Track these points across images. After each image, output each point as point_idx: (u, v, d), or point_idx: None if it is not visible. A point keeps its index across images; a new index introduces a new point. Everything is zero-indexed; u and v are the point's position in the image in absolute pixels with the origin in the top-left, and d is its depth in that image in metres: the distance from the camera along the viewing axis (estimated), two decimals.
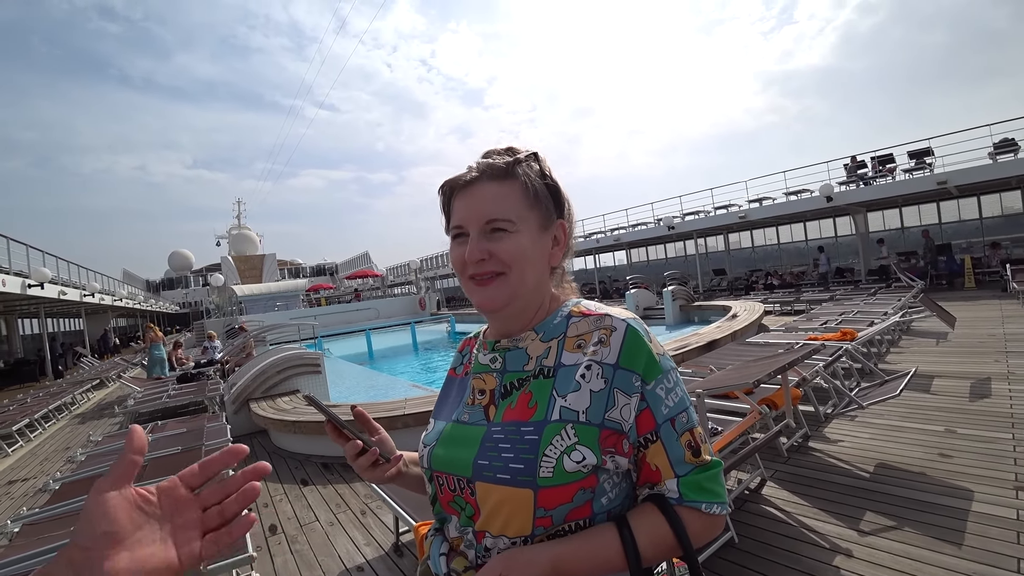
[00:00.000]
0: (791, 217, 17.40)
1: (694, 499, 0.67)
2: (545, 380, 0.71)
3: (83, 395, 10.16)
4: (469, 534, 0.71)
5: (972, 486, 2.76)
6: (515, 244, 0.72)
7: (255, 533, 3.18)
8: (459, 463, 0.72)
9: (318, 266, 51.46)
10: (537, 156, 0.77)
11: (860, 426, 3.80)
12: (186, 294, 44.55)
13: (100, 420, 7.95)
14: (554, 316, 0.77)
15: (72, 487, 3.48)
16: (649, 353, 0.69)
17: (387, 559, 2.73)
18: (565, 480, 0.64)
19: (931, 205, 15.26)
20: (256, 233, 45.17)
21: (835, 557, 2.28)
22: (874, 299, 8.73)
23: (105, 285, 21.17)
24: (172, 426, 4.91)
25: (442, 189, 0.78)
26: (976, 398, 4.14)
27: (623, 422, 0.67)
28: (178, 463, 3.68)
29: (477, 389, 0.79)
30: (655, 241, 22.51)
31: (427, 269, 32.64)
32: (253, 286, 26.52)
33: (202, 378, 8.48)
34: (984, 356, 5.44)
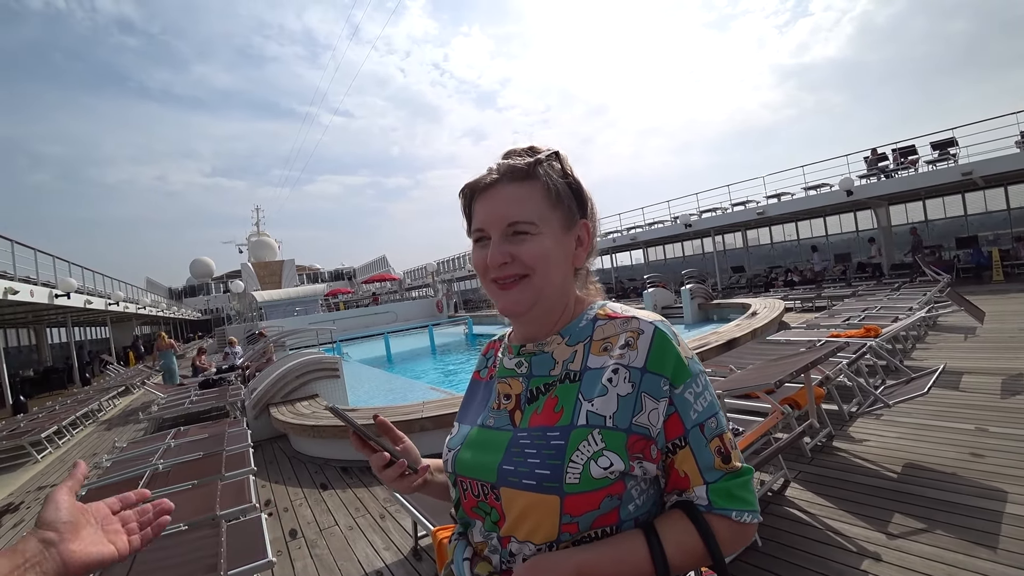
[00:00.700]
0: (810, 212, 17.09)
1: (724, 507, 0.65)
2: (571, 384, 0.70)
3: (109, 402, 10.40)
4: (494, 539, 0.71)
5: (1007, 487, 2.66)
6: (538, 246, 0.71)
7: (276, 538, 3.21)
8: (484, 468, 0.71)
9: (336, 271, 51.99)
10: (558, 155, 0.75)
11: (886, 425, 3.69)
12: (207, 301, 45.39)
13: (125, 426, 8.12)
14: (580, 319, 0.76)
15: (98, 493, 3.55)
16: (677, 356, 0.68)
17: (406, 563, 2.73)
18: (592, 487, 0.63)
19: (956, 197, 14.83)
20: (275, 239, 45.84)
21: (863, 561, 2.21)
22: (898, 294, 8.52)
23: (129, 293, 21.67)
24: (194, 431, 4.99)
25: (463, 192, 0.78)
26: (1009, 395, 4.01)
27: (651, 427, 0.66)
28: (200, 468, 3.73)
29: (503, 394, 0.78)
30: (672, 239, 22.28)
31: (444, 272, 32.77)
32: (273, 292, 26.89)
33: (223, 384, 8.62)
34: (1016, 351, 5.26)
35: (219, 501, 2.97)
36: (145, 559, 2.35)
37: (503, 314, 0.75)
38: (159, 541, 2.53)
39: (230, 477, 3.47)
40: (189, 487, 3.33)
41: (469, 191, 0.76)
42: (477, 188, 0.75)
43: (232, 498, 3.04)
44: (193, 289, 47.32)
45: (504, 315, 0.76)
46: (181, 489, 3.31)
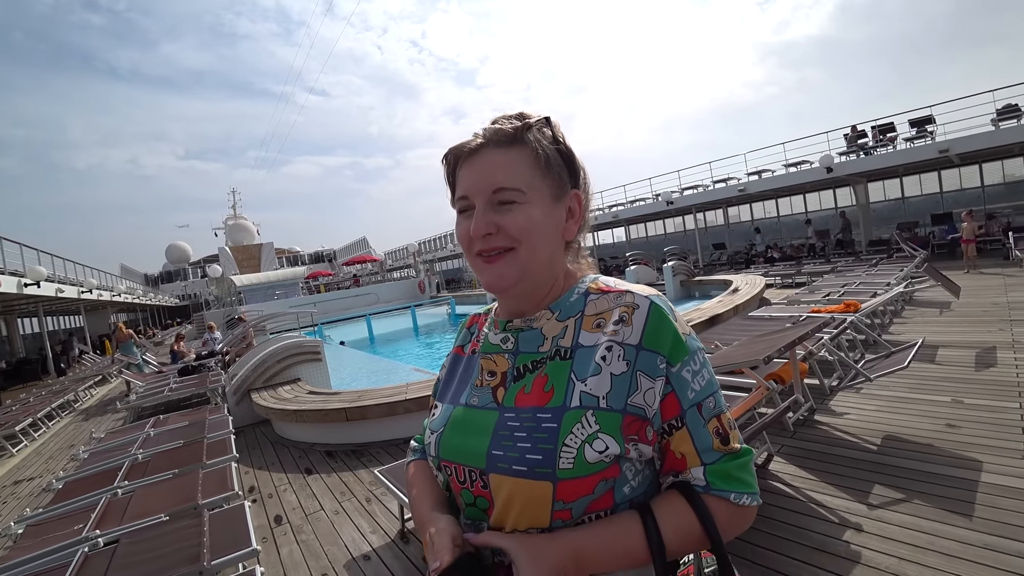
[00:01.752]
0: (791, 189, 17.25)
1: (722, 488, 0.63)
2: (562, 362, 0.66)
3: (86, 392, 10.17)
4: (484, 529, 0.67)
5: (981, 456, 2.73)
6: (525, 216, 0.66)
7: (260, 524, 3.17)
8: (471, 453, 0.67)
9: (316, 253, 51.25)
10: (549, 121, 0.70)
11: (866, 398, 3.77)
12: (185, 286, 44.43)
13: (103, 416, 7.96)
14: (570, 293, 0.72)
15: (76, 485, 3.46)
16: (675, 333, 0.64)
17: (393, 547, 2.72)
18: (586, 471, 0.60)
19: (932, 174, 15.09)
20: (253, 222, 44.92)
21: (845, 531, 2.26)
22: (876, 270, 8.66)
23: (103, 281, 21.08)
24: (174, 420, 4.90)
25: (446, 158, 0.72)
26: (982, 368, 4.11)
27: (647, 407, 0.62)
28: (181, 457, 3.66)
29: (487, 370, 0.73)
30: (654, 217, 22.36)
31: (426, 252, 32.50)
32: (251, 276, 26.42)
33: (203, 370, 8.47)
34: (988, 325, 5.40)
35: (201, 490, 2.91)
36: (125, 552, 2.30)
37: (487, 290, 0.71)
38: (140, 533, 2.48)
39: (212, 465, 3.41)
40: (170, 476, 3.26)
41: (452, 157, 0.71)
42: (461, 153, 0.69)
43: (214, 486, 2.99)
44: (170, 275, 46.22)
45: (488, 291, 0.71)
46: (162, 479, 3.24)
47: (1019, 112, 11.63)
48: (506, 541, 0.61)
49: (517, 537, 0.61)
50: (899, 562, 2.02)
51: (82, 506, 3.03)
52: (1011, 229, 11.24)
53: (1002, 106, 11.86)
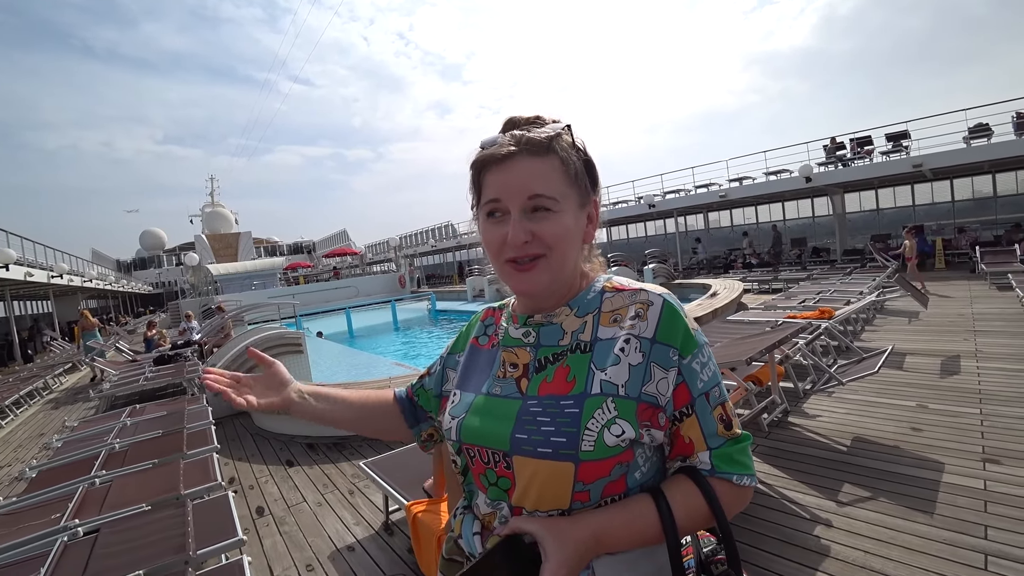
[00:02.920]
0: (770, 197, 17.61)
1: (726, 471, 0.68)
2: (582, 355, 0.71)
3: (55, 379, 9.89)
4: (504, 509, 0.71)
5: (942, 458, 2.88)
6: (560, 225, 0.70)
7: (242, 516, 3.16)
8: (495, 436, 0.71)
9: (295, 244, 50.51)
10: (570, 128, 0.74)
11: (837, 402, 3.92)
12: (159, 274, 43.38)
13: (75, 405, 7.76)
14: (587, 291, 0.77)
15: (50, 474, 3.39)
16: (685, 327, 0.70)
17: (378, 538, 2.75)
18: (605, 454, 0.65)
19: (906, 187, 15.58)
20: (231, 211, 44.05)
21: (815, 527, 2.37)
22: (850, 279, 8.95)
23: (73, 266, 20.48)
24: (152, 409, 4.82)
25: (473, 164, 0.75)
26: (946, 375, 4.30)
27: (659, 396, 0.68)
28: (160, 447, 3.61)
29: (509, 363, 0.78)
30: (636, 219, 22.58)
31: (406, 247, 32.26)
32: (229, 265, 25.92)
33: (180, 359, 8.32)
34: (954, 335, 5.63)
35: (183, 480, 2.89)
36: (108, 542, 2.28)
37: (519, 294, 0.76)
38: (121, 523, 2.46)
39: (192, 455, 3.38)
40: (150, 467, 3.22)
41: (480, 163, 0.73)
42: (492, 159, 0.71)
43: (196, 477, 2.97)
44: (143, 262, 45.05)
45: (520, 295, 0.76)
46: (141, 469, 3.20)
47: (989, 131, 12.09)
48: (532, 525, 0.65)
49: (541, 520, 0.65)
50: (865, 555, 2.13)
51: (59, 495, 2.98)
52: (978, 243, 11.69)
53: (974, 124, 12.31)
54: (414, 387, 0.96)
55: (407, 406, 0.94)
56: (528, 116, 0.75)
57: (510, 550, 0.64)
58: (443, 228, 31.54)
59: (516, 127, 0.73)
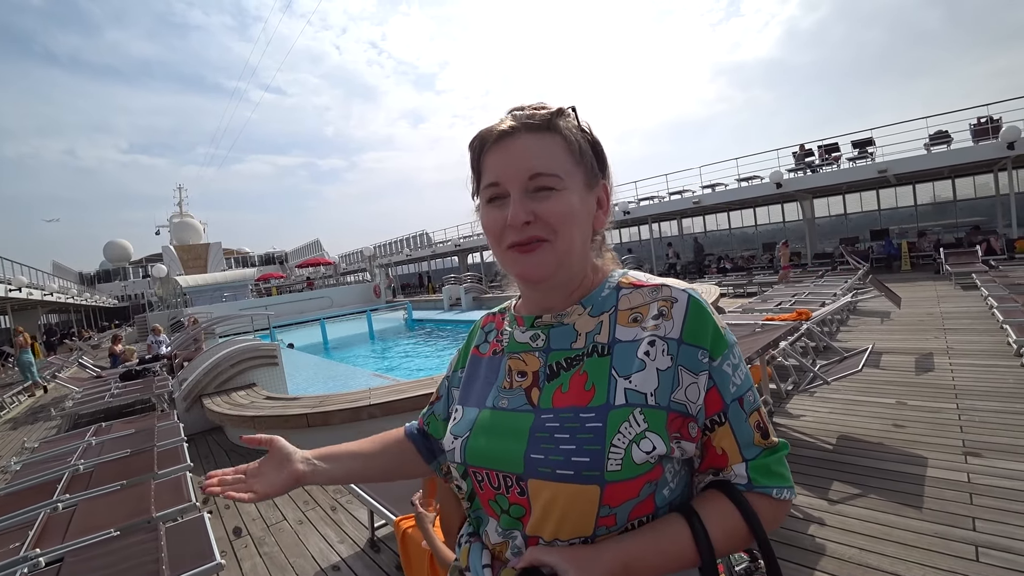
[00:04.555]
0: (742, 203, 18.01)
1: (765, 484, 0.61)
2: (600, 359, 0.63)
3: (13, 398, 9.39)
4: (517, 539, 0.63)
5: (926, 453, 2.93)
6: (564, 204, 0.63)
7: (219, 538, 2.99)
8: (505, 458, 0.63)
9: (267, 255, 49.46)
10: (575, 110, 0.69)
11: (820, 401, 3.96)
12: (124, 286, 41.89)
13: (35, 424, 7.37)
14: (601, 288, 0.69)
15: (7, 500, 3.17)
16: (715, 326, 0.63)
17: (364, 556, 2.64)
18: (634, 473, 0.57)
19: (871, 193, 16.14)
20: (200, 221, 42.95)
21: (809, 526, 2.36)
22: (823, 281, 9.17)
23: (33, 279, 19.62)
24: (119, 427, 4.60)
25: (472, 144, 0.69)
26: (922, 372, 4.41)
27: (690, 404, 0.60)
28: (128, 467, 3.43)
29: (516, 371, 0.70)
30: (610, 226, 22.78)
31: (381, 256, 31.92)
32: (198, 276, 25.24)
33: (148, 375, 8.00)
34: (925, 333, 5.80)
35: (154, 502, 2.74)
36: (72, 572, 2.13)
37: (523, 280, 0.67)
38: (87, 550, 2.30)
39: (164, 475, 3.22)
40: (118, 488, 3.05)
41: (479, 142, 0.67)
42: (490, 137, 0.66)
43: (168, 498, 2.82)
44: (108, 274, 43.47)
45: (524, 281, 0.68)
46: (109, 491, 3.03)
47: (949, 138, 12.62)
48: (552, 556, 0.58)
49: (562, 551, 0.58)
50: (860, 552, 2.13)
51: (17, 523, 2.79)
52: (941, 245, 12.14)
53: (934, 132, 12.84)
54: (424, 416, 0.88)
55: (420, 441, 0.86)
56: (532, 104, 0.69)
57: None
58: (418, 237, 31.35)
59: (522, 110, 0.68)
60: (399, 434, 0.88)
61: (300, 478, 0.76)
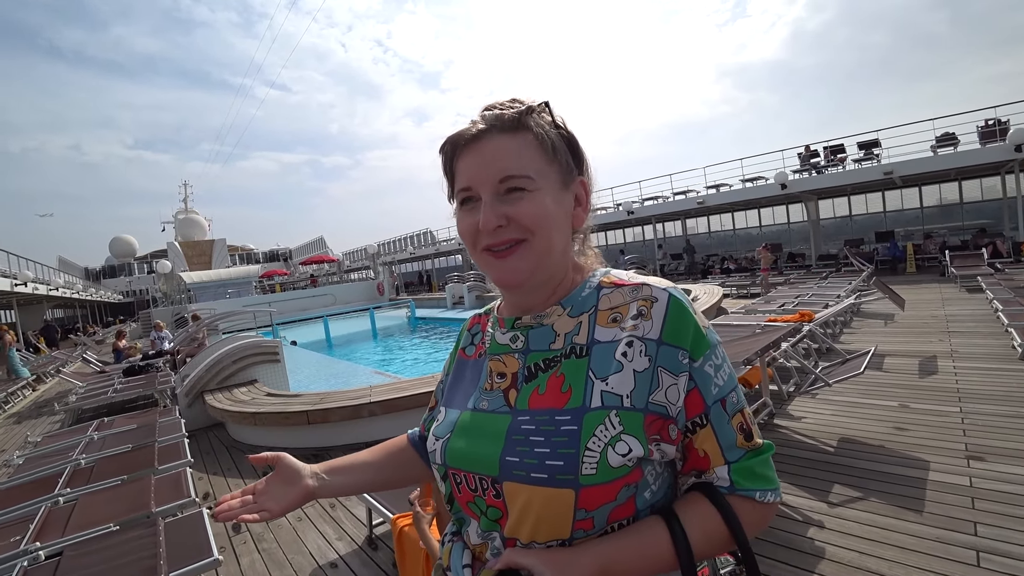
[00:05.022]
0: (747, 203, 17.95)
1: (748, 487, 0.61)
2: (578, 360, 0.62)
3: (17, 393, 9.45)
4: (496, 540, 0.63)
5: (927, 457, 2.90)
6: (537, 204, 0.62)
7: (218, 534, 3.00)
8: (482, 460, 0.63)
9: (271, 251, 49.71)
10: (548, 106, 0.67)
11: (821, 403, 3.94)
12: (129, 282, 42.17)
13: (39, 419, 7.42)
14: (582, 288, 0.68)
15: (9, 493, 3.20)
16: (696, 326, 0.61)
17: (361, 553, 2.64)
18: (610, 477, 0.57)
19: (877, 194, 16.06)
20: (205, 217, 43.17)
21: (808, 529, 2.35)
22: (826, 282, 9.12)
23: (39, 274, 19.76)
24: (121, 422, 4.63)
25: (443, 148, 0.67)
26: (925, 375, 4.38)
27: (669, 405, 0.59)
28: (130, 462, 3.45)
29: (496, 372, 0.69)
30: (614, 226, 22.79)
31: (385, 254, 31.98)
32: (202, 272, 25.31)
33: (151, 370, 8.04)
34: (929, 336, 5.76)
35: (154, 497, 2.76)
36: (72, 566, 2.14)
37: (499, 286, 0.67)
38: (87, 544, 2.31)
39: (164, 471, 3.23)
40: (118, 483, 3.07)
41: (451, 145, 0.66)
42: (461, 141, 0.65)
43: (168, 493, 2.83)
44: (113, 269, 43.76)
45: (500, 287, 0.67)
46: (109, 486, 3.05)
47: (956, 140, 12.53)
48: (528, 559, 0.57)
49: (539, 553, 0.58)
50: (860, 556, 2.11)
51: (18, 516, 2.81)
52: (947, 248, 12.06)
53: (941, 134, 12.76)
54: (424, 421, 0.88)
55: (422, 448, 0.86)
56: (505, 100, 0.67)
57: None
58: (422, 235, 31.40)
59: (492, 110, 0.66)
60: (402, 442, 0.88)
61: (311, 493, 0.76)
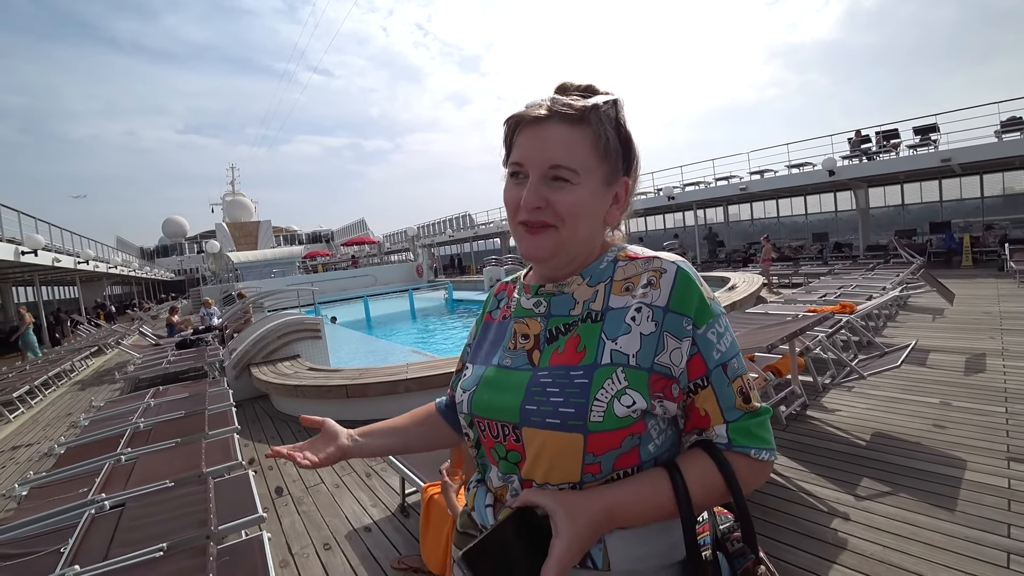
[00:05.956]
0: (792, 190, 17.30)
1: (743, 444, 0.67)
2: (593, 324, 0.70)
3: (82, 362, 10.18)
4: (515, 482, 0.71)
5: (965, 456, 2.82)
6: (575, 198, 0.68)
7: (262, 495, 3.22)
8: (504, 409, 0.71)
9: (314, 233, 51.09)
10: (616, 103, 0.72)
11: (857, 397, 3.85)
12: (181, 261, 44.31)
13: (100, 386, 7.99)
14: (600, 261, 0.75)
15: (78, 451, 3.50)
16: (700, 296, 0.68)
17: (393, 519, 2.79)
18: (615, 425, 0.64)
19: (933, 183, 15.18)
20: (251, 199, 44.70)
21: (833, 520, 2.34)
22: (873, 274, 8.76)
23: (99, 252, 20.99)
24: (174, 391, 4.94)
25: (508, 122, 0.74)
26: (971, 372, 4.20)
27: (673, 367, 0.66)
28: (183, 427, 3.71)
29: (520, 334, 0.77)
30: (655, 211, 22.39)
31: (424, 236, 32.43)
32: (249, 253, 26.36)
33: (201, 344, 8.50)
34: (980, 333, 5.49)
35: (204, 458, 2.96)
36: (133, 515, 2.35)
37: (525, 257, 0.74)
38: (146, 497, 2.53)
39: (213, 436, 3.45)
40: (173, 445, 3.31)
41: (514, 121, 0.73)
42: (524, 120, 0.71)
43: (218, 456, 3.04)
44: (166, 249, 46.07)
45: (526, 258, 0.75)
46: (165, 447, 3.29)
47: (1023, 124, 11.68)
48: (543, 498, 0.64)
49: (554, 494, 0.64)
50: (883, 550, 2.10)
51: (85, 471, 3.08)
52: (1007, 240, 11.35)
53: (1007, 118, 11.91)
54: (453, 386, 0.95)
55: (449, 415, 0.95)
56: (580, 84, 0.73)
57: (522, 522, 0.63)
58: (461, 218, 31.65)
59: (565, 92, 0.72)
60: (430, 409, 0.97)
61: (346, 452, 0.85)
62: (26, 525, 2.46)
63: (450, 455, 2.28)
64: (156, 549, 2.01)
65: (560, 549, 0.59)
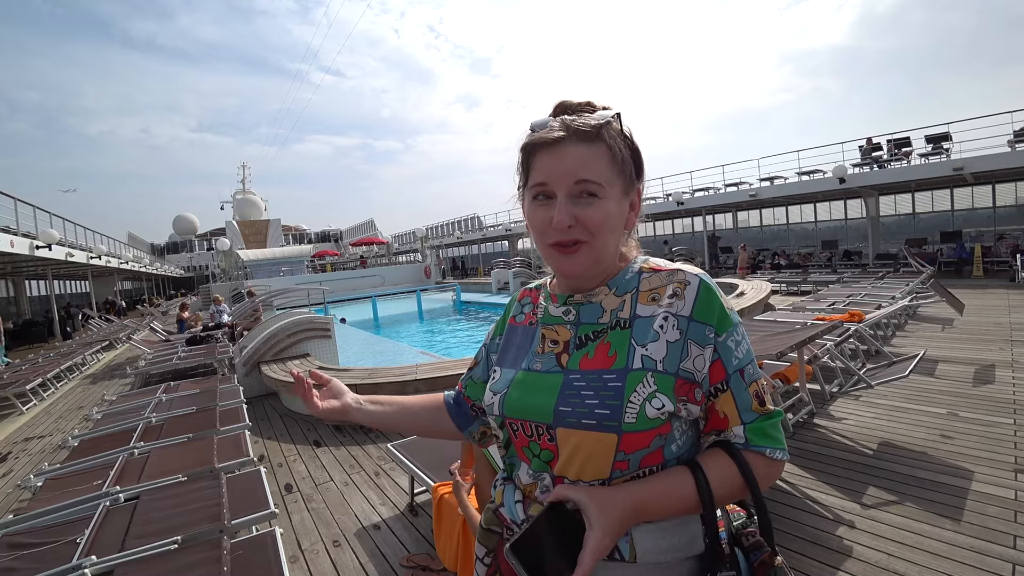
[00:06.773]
0: (802, 197, 17.21)
1: (759, 444, 0.71)
2: (622, 331, 0.74)
3: (93, 356, 10.31)
4: (545, 479, 0.75)
5: (972, 467, 2.82)
6: (603, 212, 0.72)
7: (272, 491, 3.27)
8: (538, 410, 0.74)
9: (323, 232, 51.40)
10: (619, 117, 0.76)
11: (864, 406, 3.85)
12: (191, 258, 44.75)
13: (111, 380, 8.10)
14: (625, 272, 0.79)
15: (91, 444, 3.57)
16: (721, 306, 0.72)
17: (402, 518, 2.83)
18: (646, 426, 0.68)
19: (944, 191, 15.07)
20: (261, 198, 45.05)
21: (838, 527, 2.35)
22: (882, 283, 8.71)
23: (111, 248, 21.23)
24: (185, 387, 5.01)
25: (523, 148, 0.77)
26: (979, 384, 4.19)
27: (696, 372, 0.70)
28: (193, 422, 3.76)
29: (549, 339, 0.81)
30: (663, 216, 22.35)
31: (433, 238, 32.52)
32: (258, 251, 26.58)
33: (211, 341, 8.59)
34: (989, 343, 5.46)
35: (216, 454, 3.02)
36: (147, 508, 2.40)
37: (562, 275, 0.79)
38: (160, 491, 2.58)
39: (225, 432, 3.51)
40: (184, 440, 3.37)
41: (530, 146, 0.75)
42: (540, 143, 0.73)
43: (229, 451, 3.09)
44: (176, 246, 46.50)
45: (563, 276, 0.79)
46: (177, 442, 3.35)
47: None
48: (576, 493, 0.68)
49: (586, 489, 0.68)
50: (888, 558, 2.12)
51: (100, 463, 3.14)
52: (1019, 251, 11.25)
53: (1020, 127, 11.80)
54: (463, 380, 1.00)
55: (454, 409, 0.98)
56: (579, 101, 0.77)
57: (555, 516, 0.67)
58: (469, 220, 31.73)
59: (567, 112, 0.76)
60: (437, 399, 1.01)
61: (348, 409, 0.93)
62: (43, 515, 2.51)
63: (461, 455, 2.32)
64: (171, 542, 2.06)
65: (595, 539, 0.64)
